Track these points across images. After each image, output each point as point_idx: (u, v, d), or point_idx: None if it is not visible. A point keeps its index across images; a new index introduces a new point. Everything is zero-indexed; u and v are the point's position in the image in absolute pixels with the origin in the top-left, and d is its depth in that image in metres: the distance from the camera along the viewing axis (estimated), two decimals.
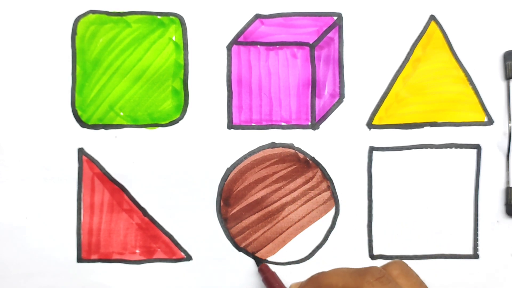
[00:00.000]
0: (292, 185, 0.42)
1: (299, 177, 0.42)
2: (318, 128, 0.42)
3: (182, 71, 0.42)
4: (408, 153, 0.42)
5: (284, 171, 0.42)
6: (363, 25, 0.42)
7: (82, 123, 0.42)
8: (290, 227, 0.42)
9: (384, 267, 0.32)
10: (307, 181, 0.42)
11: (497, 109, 0.42)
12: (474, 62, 0.42)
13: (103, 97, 0.42)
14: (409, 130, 0.42)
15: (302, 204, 0.42)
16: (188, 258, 0.42)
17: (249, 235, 0.42)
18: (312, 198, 0.42)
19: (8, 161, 0.42)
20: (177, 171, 0.42)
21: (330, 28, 0.42)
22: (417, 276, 0.32)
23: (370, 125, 0.42)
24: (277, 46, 0.42)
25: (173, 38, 0.42)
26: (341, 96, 0.42)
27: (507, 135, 0.42)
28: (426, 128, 0.42)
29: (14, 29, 0.42)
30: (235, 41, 0.42)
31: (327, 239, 0.42)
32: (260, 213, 0.42)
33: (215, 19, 0.42)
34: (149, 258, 0.42)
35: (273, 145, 0.42)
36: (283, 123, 0.42)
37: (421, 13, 0.42)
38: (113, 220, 0.42)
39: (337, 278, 0.32)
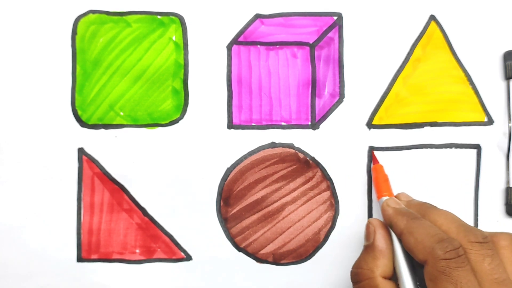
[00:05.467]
0: (292, 185, 0.42)
1: (299, 177, 0.42)
2: (318, 128, 0.42)
3: (182, 71, 0.42)
4: (408, 153, 0.42)
5: (284, 171, 0.42)
6: (363, 25, 0.42)
7: (82, 123, 0.42)
8: (290, 227, 0.42)
9: (493, 234, 0.31)
10: (307, 181, 0.42)
11: (497, 109, 0.42)
12: (474, 62, 0.42)
13: (103, 97, 0.42)
14: (409, 130, 0.42)
15: (302, 204, 0.42)
16: (188, 258, 0.42)
17: (249, 235, 0.42)
18: (312, 198, 0.42)
19: (8, 161, 0.42)
20: (177, 171, 0.42)
21: (330, 28, 0.42)
22: None
23: (370, 125, 0.42)
24: (277, 46, 0.42)
25: (173, 38, 0.42)
26: (341, 96, 0.42)
27: (507, 135, 0.42)
28: (426, 128, 0.42)
29: (14, 29, 0.42)
30: (235, 41, 0.42)
31: (327, 239, 0.42)
32: (260, 213, 0.42)
33: (215, 19, 0.42)
34: (149, 258, 0.42)
35: (273, 145, 0.42)
36: (283, 123, 0.42)
37: (421, 13, 0.42)
38: (113, 220, 0.42)
39: (445, 220, 0.32)
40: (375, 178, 0.40)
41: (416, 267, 0.33)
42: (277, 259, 0.42)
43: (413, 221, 0.32)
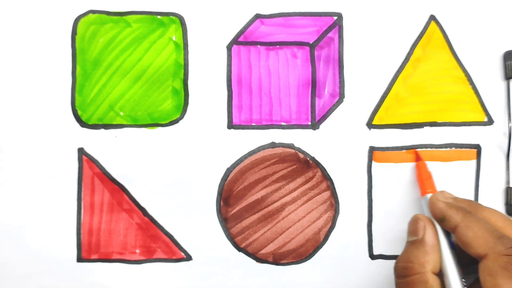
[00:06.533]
0: (292, 185, 0.42)
1: (299, 177, 0.42)
2: (318, 128, 0.42)
3: (182, 71, 0.42)
4: (408, 153, 0.42)
5: (284, 171, 0.42)
6: (363, 25, 0.42)
7: (82, 123, 0.42)
8: (290, 227, 0.42)
9: None
10: (307, 181, 0.42)
11: (497, 109, 0.42)
12: (474, 62, 0.42)
13: (103, 97, 0.42)
14: (409, 130, 0.42)
15: (302, 204, 0.42)
16: (188, 258, 0.42)
17: (249, 235, 0.42)
18: (312, 198, 0.42)
19: (8, 161, 0.42)
20: (177, 171, 0.42)
21: (330, 28, 0.42)
22: None
23: (370, 125, 0.42)
24: (277, 46, 0.42)
25: (173, 38, 0.42)
26: (341, 96, 0.42)
27: (507, 135, 0.42)
28: (426, 128, 0.42)
29: (14, 29, 0.42)
30: (235, 41, 0.42)
31: (327, 239, 0.42)
32: (260, 213, 0.42)
33: (215, 19, 0.42)
34: (149, 258, 0.42)
35: (273, 145, 0.42)
36: (283, 123, 0.42)
37: (421, 13, 0.42)
38: (113, 220, 0.42)
39: (499, 218, 0.33)
40: (418, 175, 0.40)
41: (462, 263, 0.34)
42: (277, 259, 0.42)
43: (469, 215, 0.33)
